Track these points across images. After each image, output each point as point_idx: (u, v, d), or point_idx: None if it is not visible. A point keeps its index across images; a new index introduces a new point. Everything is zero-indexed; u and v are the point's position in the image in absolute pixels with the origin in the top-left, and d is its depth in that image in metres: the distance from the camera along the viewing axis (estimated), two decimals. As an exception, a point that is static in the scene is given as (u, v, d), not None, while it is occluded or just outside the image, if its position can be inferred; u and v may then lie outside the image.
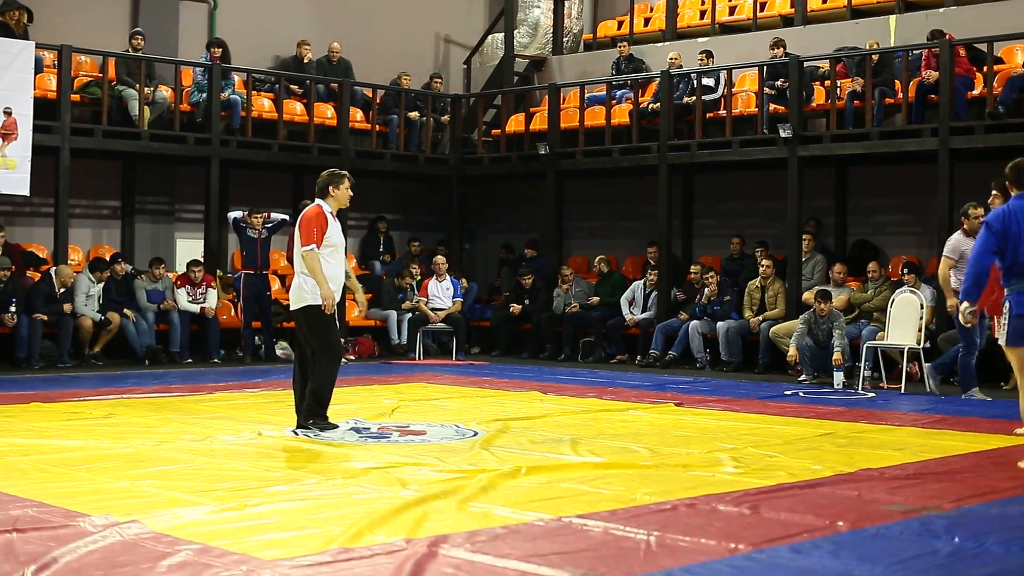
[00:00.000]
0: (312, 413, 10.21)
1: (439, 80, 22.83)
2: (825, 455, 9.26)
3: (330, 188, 10.34)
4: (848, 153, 17.37)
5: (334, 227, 10.27)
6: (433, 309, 19.72)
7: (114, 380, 15.05)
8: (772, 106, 18.34)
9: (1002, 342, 8.89)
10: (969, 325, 9.77)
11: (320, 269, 10.15)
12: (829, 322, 15.51)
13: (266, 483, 7.73)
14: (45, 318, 16.32)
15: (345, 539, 6.07)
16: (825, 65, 18.07)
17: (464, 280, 20.89)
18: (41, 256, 18.11)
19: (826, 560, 5.83)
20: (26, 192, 17.08)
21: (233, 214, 18.36)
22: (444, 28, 24.81)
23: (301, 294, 10.31)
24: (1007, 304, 8.73)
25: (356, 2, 23.36)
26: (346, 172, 10.50)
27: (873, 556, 5.91)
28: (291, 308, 10.62)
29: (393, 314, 19.65)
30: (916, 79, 16.90)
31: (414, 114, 21.68)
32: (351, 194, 10.45)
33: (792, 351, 15.65)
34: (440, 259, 20.05)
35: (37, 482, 7.65)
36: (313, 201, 10.48)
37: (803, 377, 15.72)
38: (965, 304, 9.15)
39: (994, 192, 11.72)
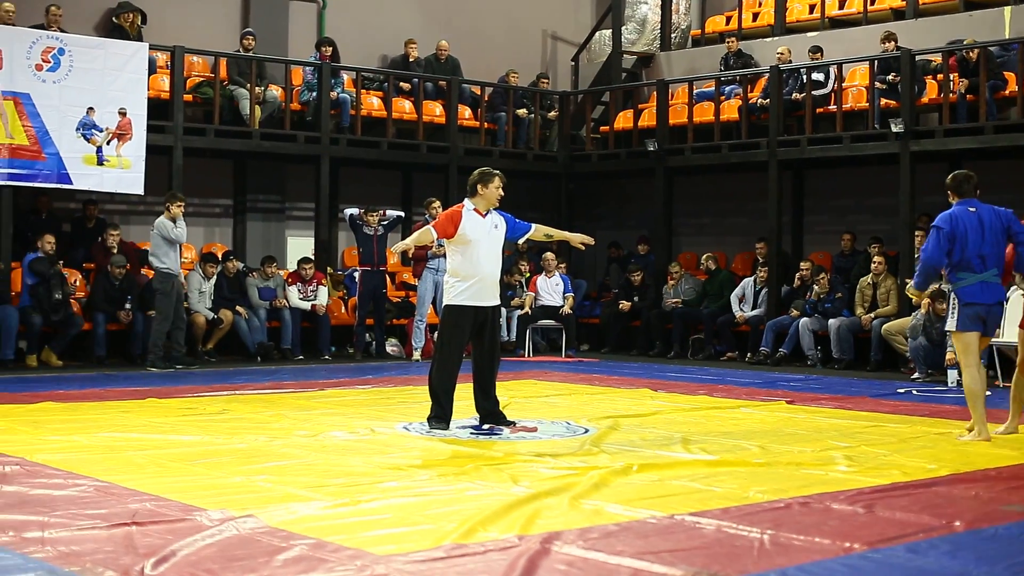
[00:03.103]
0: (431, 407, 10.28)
1: (546, 80, 22.84)
2: (940, 454, 9.14)
3: (479, 187, 10.35)
4: (961, 148, 17.12)
5: (473, 224, 10.24)
6: (542, 306, 19.72)
7: (227, 376, 15.23)
8: (883, 101, 18.12)
9: (951, 328, 10.08)
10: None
11: (414, 236, 10.46)
12: (943, 321, 15.29)
13: (379, 479, 7.77)
14: (159, 315, 16.54)
15: (458, 535, 6.08)
16: (937, 59, 17.83)
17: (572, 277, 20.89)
18: (157, 254, 18.35)
19: (943, 560, 5.75)
20: (141, 191, 17.32)
21: (349, 211, 18.45)
22: (551, 25, 24.81)
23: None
24: (956, 296, 9.97)
25: (464, 0, 23.43)
26: (498, 171, 10.45)
27: (991, 557, 5.82)
28: None
29: (503, 311, 19.66)
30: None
31: (522, 111, 21.72)
32: (501, 193, 10.38)
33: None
34: (549, 255, 20.04)
35: (154, 476, 7.75)
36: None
37: (916, 376, 15.53)
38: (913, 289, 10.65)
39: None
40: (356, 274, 18.51)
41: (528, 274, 20.39)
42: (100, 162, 16.80)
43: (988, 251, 9.94)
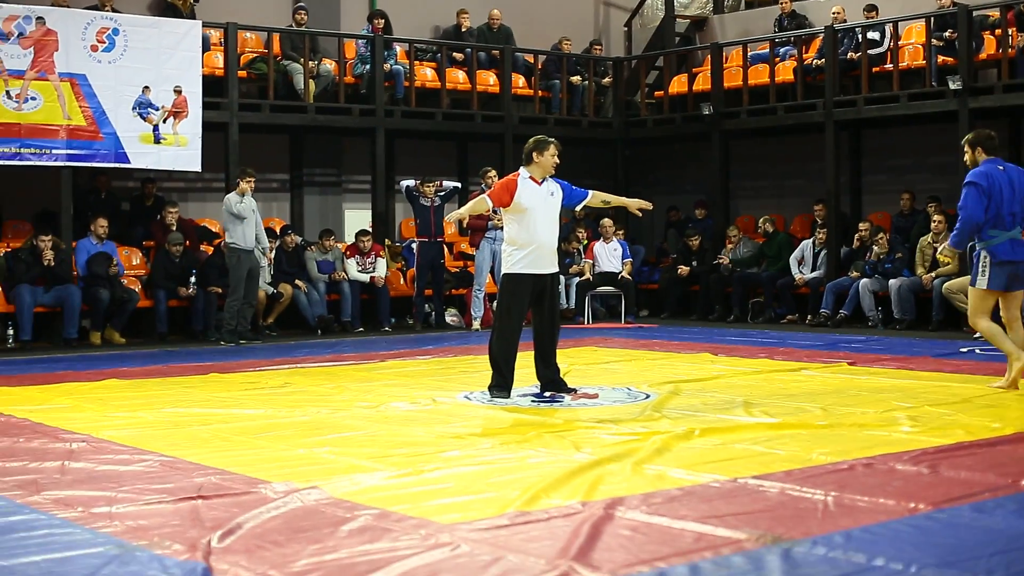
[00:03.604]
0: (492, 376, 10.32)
1: (599, 47, 22.78)
2: (1005, 413, 9.07)
3: (534, 154, 10.35)
4: (1021, 104, 16.93)
5: (528, 192, 10.24)
6: (601, 272, 19.69)
7: (288, 350, 15.31)
8: (940, 58, 17.93)
9: (983, 286, 10.22)
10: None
11: (469, 205, 10.53)
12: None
13: (441, 448, 7.80)
14: (219, 291, 16.62)
15: (521, 502, 6.10)
16: (995, 14, 17.62)
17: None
18: (213, 231, 18.42)
19: (1011, 519, 5.72)
20: (198, 168, 17.41)
21: (406, 182, 18.45)
22: (604, -10, 24.73)
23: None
24: (987, 253, 10.15)
25: (515, -32, 23.39)
26: (553, 139, 10.44)
27: (1060, 515, 5.79)
28: None
29: (561, 278, 19.67)
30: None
31: (576, 78, 21.66)
32: (556, 161, 10.36)
33: None
34: (607, 221, 19.98)
35: (218, 450, 7.82)
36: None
37: (978, 334, 15.39)
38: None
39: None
40: (414, 245, 18.53)
41: (586, 241, 20.35)
42: (157, 140, 16.90)
43: (1017, 209, 10.24)
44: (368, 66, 19.28)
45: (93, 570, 5.01)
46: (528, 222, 10.22)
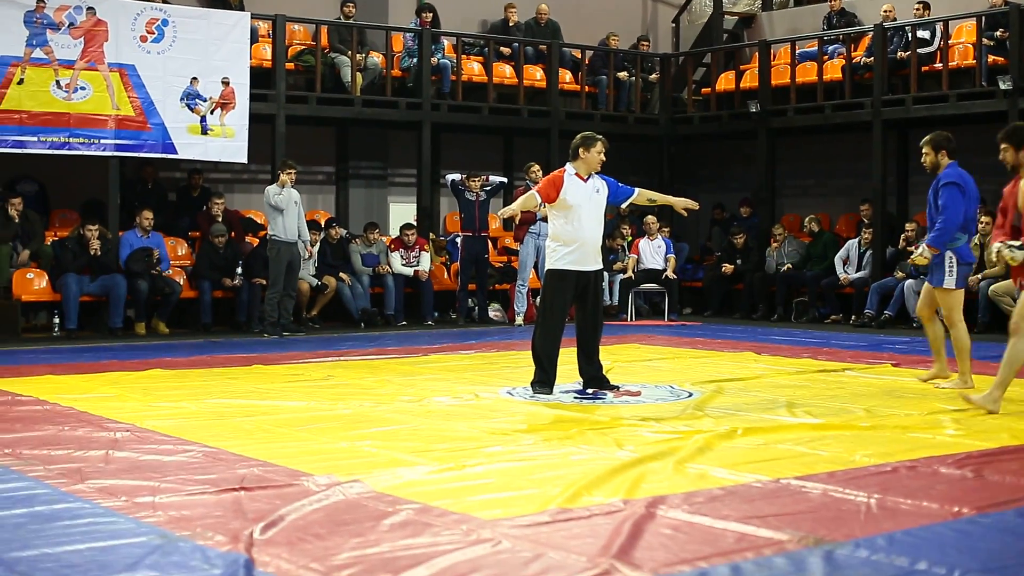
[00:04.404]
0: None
1: (646, 43, 22.76)
2: (1051, 416, 9.03)
3: (580, 151, 10.34)
4: (1073, 104, 16.83)
5: (574, 189, 10.22)
6: (645, 269, 19.65)
7: (331, 343, 15.34)
8: (991, 57, 17.82)
9: (950, 286, 10.31)
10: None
11: (519, 201, 10.48)
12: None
13: (483, 444, 7.81)
14: (263, 282, 16.65)
15: (563, 499, 6.10)
16: (1048, 13, 17.51)
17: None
18: (259, 222, 18.47)
19: (1055, 524, 5.69)
20: (244, 160, 17.49)
21: (451, 176, 18.48)
22: (652, -13, 24.67)
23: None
24: (953, 254, 10.26)
25: (563, -37, 23.37)
26: (600, 136, 10.44)
27: (1105, 520, 5.75)
28: None
29: (605, 275, 19.64)
30: None
31: (623, 74, 21.63)
32: (603, 158, 10.37)
33: None
34: (651, 219, 19.94)
35: (261, 442, 7.85)
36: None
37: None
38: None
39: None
40: (458, 239, 18.55)
41: (630, 237, 20.34)
42: (204, 131, 16.99)
43: (974, 215, 10.61)
44: (415, 59, 19.31)
45: (136, 559, 5.03)
46: (573, 218, 10.21)
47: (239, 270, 16.82)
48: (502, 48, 20.82)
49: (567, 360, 10.51)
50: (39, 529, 5.52)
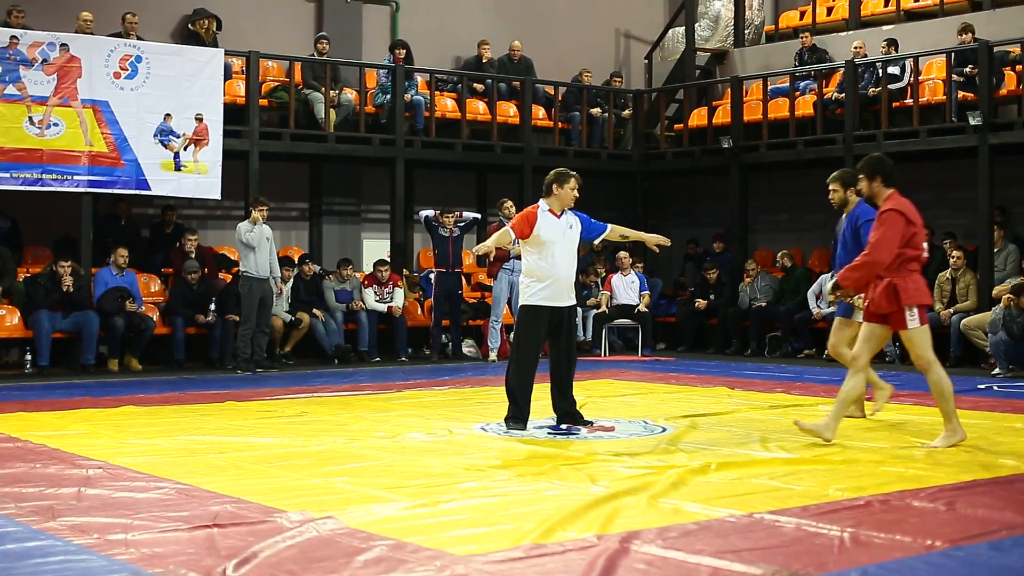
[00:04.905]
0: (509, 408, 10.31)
1: (619, 79, 22.86)
2: (1023, 449, 9.04)
3: (553, 187, 10.35)
4: (1041, 140, 16.94)
5: (548, 225, 10.23)
6: (618, 305, 19.69)
7: (305, 379, 15.32)
8: (961, 93, 17.96)
9: (859, 319, 10.20)
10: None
11: (493, 238, 10.36)
12: (1024, 315, 15.16)
13: (457, 479, 7.79)
14: (236, 318, 16.62)
15: (537, 535, 6.09)
16: (1016, 50, 17.62)
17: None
18: (232, 259, 18.44)
19: (1027, 558, 5.71)
20: (218, 196, 17.49)
21: (425, 213, 18.50)
22: (624, 23, 24.76)
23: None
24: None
25: (536, 0, 23.45)
26: (574, 173, 10.46)
27: (1077, 553, 5.76)
28: None
29: (578, 310, 19.66)
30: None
31: (596, 110, 21.71)
32: (576, 194, 10.37)
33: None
34: (624, 254, 20.00)
35: (234, 479, 7.82)
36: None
37: (997, 371, 15.37)
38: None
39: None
40: (432, 276, 18.56)
41: (604, 273, 20.37)
42: (177, 168, 16.99)
43: None
44: (389, 96, 19.36)
45: (108, 597, 5.01)
46: (547, 255, 10.22)
47: (212, 306, 16.81)
48: (475, 84, 20.87)
49: (541, 396, 10.50)
50: (10, 567, 5.49)
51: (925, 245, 9.50)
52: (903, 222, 9.28)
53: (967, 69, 17.83)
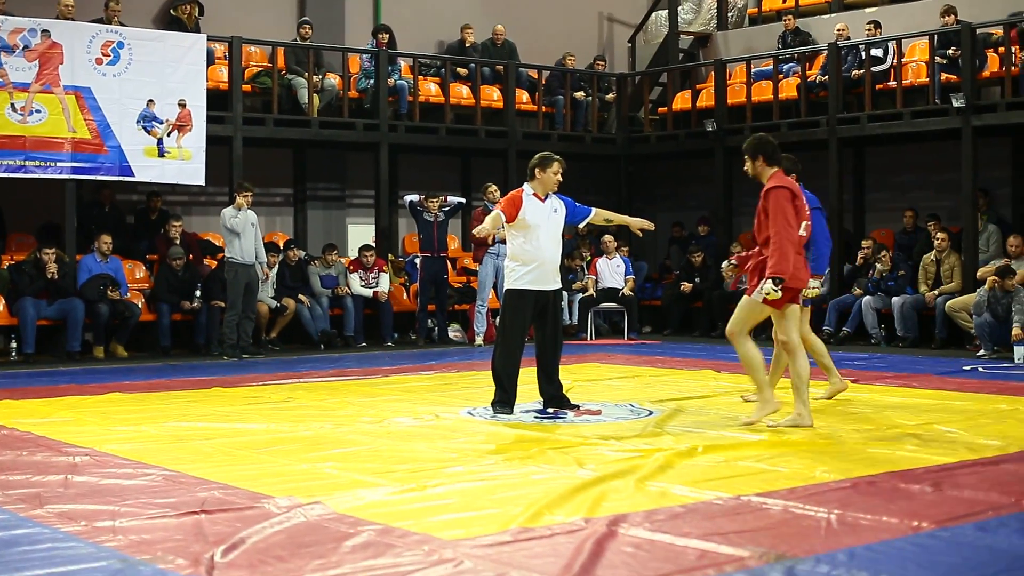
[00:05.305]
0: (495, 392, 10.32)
1: (602, 63, 22.84)
2: (1008, 431, 9.08)
3: (537, 171, 10.36)
4: (1024, 121, 16.97)
5: (533, 209, 10.24)
6: (604, 288, 19.70)
7: (291, 365, 15.32)
8: (944, 76, 17.95)
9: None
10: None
11: (490, 220, 10.23)
12: (1009, 296, 15.19)
13: (444, 464, 7.80)
14: (222, 304, 16.60)
15: (525, 519, 6.09)
16: (999, 31, 17.63)
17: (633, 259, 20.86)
18: (217, 244, 18.41)
19: (1013, 538, 5.71)
20: (202, 182, 17.44)
21: (410, 197, 18.45)
22: (607, 7, 24.72)
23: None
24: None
25: (519, -16, 23.44)
26: (558, 157, 10.45)
27: (1062, 533, 5.78)
28: None
29: (564, 294, 19.67)
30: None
31: (580, 94, 21.69)
32: (559, 179, 10.36)
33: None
34: (608, 238, 20.01)
35: (222, 465, 7.81)
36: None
37: (982, 352, 15.42)
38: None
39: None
40: (417, 260, 18.54)
41: (589, 257, 20.38)
42: (161, 154, 16.94)
43: None
44: (372, 81, 19.32)
45: (96, 584, 5.01)
46: (532, 238, 10.22)
47: (198, 292, 16.78)
48: (459, 69, 20.84)
49: (527, 380, 10.52)
50: (-2, 555, 5.49)
51: (805, 224, 9.86)
52: (788, 195, 9.70)
53: (950, 51, 17.83)
